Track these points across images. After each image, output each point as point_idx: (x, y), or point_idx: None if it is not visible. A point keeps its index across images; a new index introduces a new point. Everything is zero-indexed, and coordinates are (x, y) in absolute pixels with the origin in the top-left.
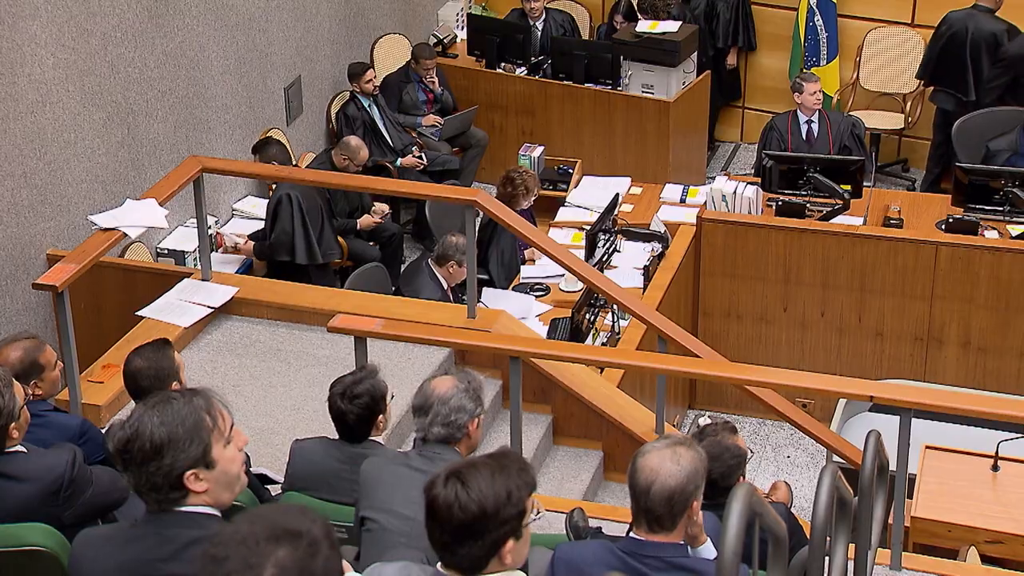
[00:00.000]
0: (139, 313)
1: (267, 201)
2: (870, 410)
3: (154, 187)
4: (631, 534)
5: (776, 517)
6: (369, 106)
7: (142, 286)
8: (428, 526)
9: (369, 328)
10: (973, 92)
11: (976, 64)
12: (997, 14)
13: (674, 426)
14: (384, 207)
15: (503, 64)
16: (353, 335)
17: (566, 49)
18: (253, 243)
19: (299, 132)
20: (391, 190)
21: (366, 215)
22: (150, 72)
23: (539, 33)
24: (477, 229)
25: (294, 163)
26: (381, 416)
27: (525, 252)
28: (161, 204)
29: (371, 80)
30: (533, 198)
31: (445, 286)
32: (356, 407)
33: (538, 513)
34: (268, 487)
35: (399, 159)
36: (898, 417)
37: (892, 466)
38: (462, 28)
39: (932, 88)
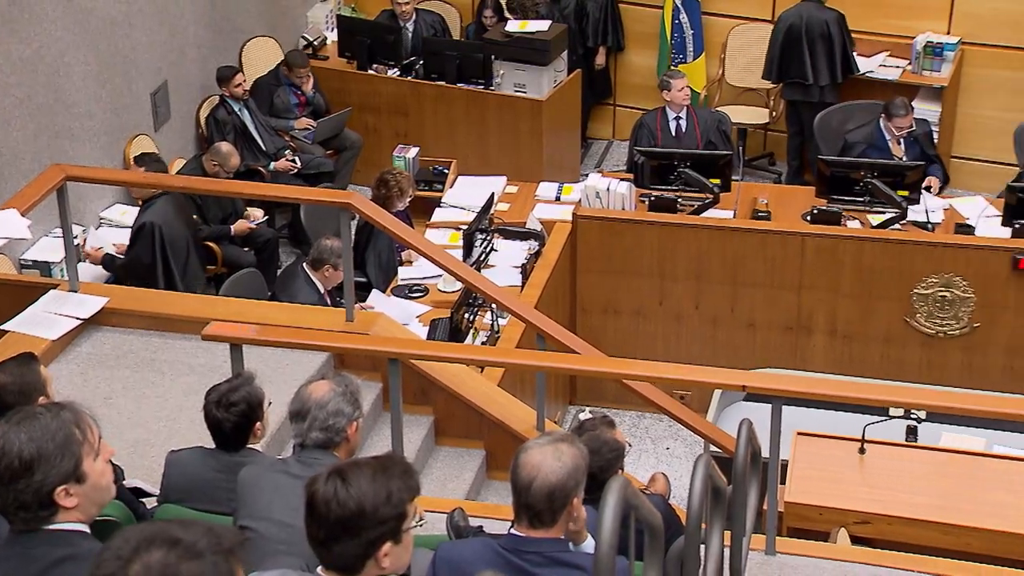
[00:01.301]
0: (2, 327)
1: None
2: (744, 399)
3: (14, 197)
4: (512, 531)
5: (651, 509)
6: (240, 110)
7: (6, 299)
8: (307, 522)
9: (244, 335)
10: (812, 76)
11: (813, 53)
12: (826, 4)
13: (555, 422)
14: (258, 212)
15: (375, 65)
16: (228, 342)
17: (437, 49)
18: (104, 254)
19: (168, 138)
20: (265, 195)
21: (240, 220)
22: (6, 79)
23: (410, 34)
24: (353, 232)
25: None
26: (258, 423)
27: (402, 254)
28: (23, 214)
29: (241, 84)
30: (408, 199)
31: (322, 290)
32: (232, 415)
33: (420, 520)
34: (143, 500)
35: (272, 163)
36: (771, 405)
37: (766, 453)
38: (332, 30)
39: (782, 84)
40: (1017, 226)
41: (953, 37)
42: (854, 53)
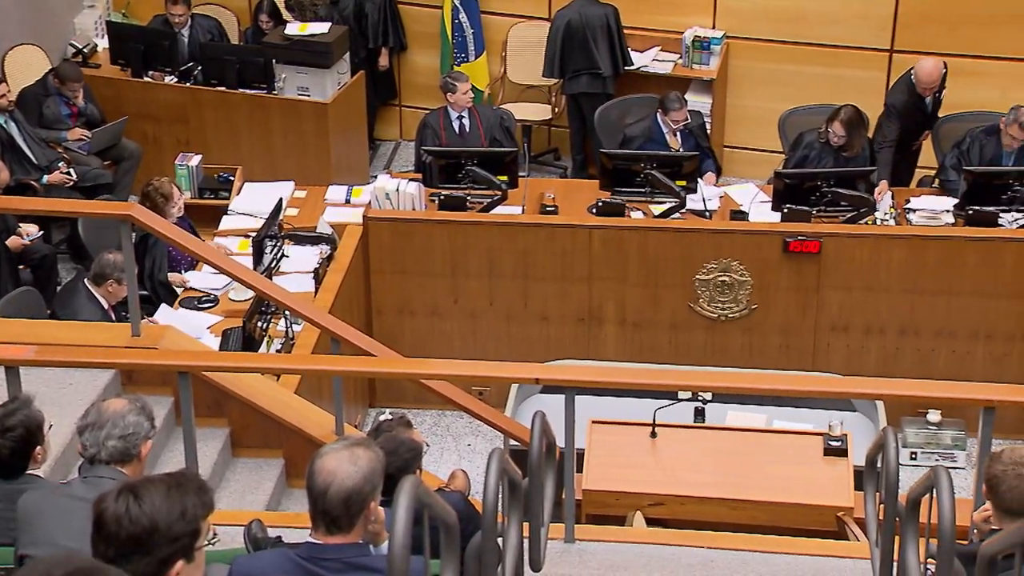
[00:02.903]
0: None
1: None
2: (541, 392)
3: None
4: (309, 538)
5: (445, 506)
6: (5, 122)
7: None
8: (94, 541)
9: (21, 356)
10: (600, 66)
11: (595, 44)
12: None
13: (355, 426)
14: (32, 228)
15: (151, 72)
16: (3, 365)
17: (216, 54)
18: None
19: None
20: (38, 209)
21: (13, 236)
22: None
23: (186, 39)
24: (135, 244)
25: None
26: (39, 448)
27: (179, 274)
28: None
29: (5, 95)
30: (180, 203)
31: (106, 305)
32: (10, 440)
33: (214, 537)
34: None
35: (45, 176)
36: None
37: (562, 443)
38: (102, 36)
39: (563, 80)
40: (786, 210)
41: (718, 32)
42: (628, 48)
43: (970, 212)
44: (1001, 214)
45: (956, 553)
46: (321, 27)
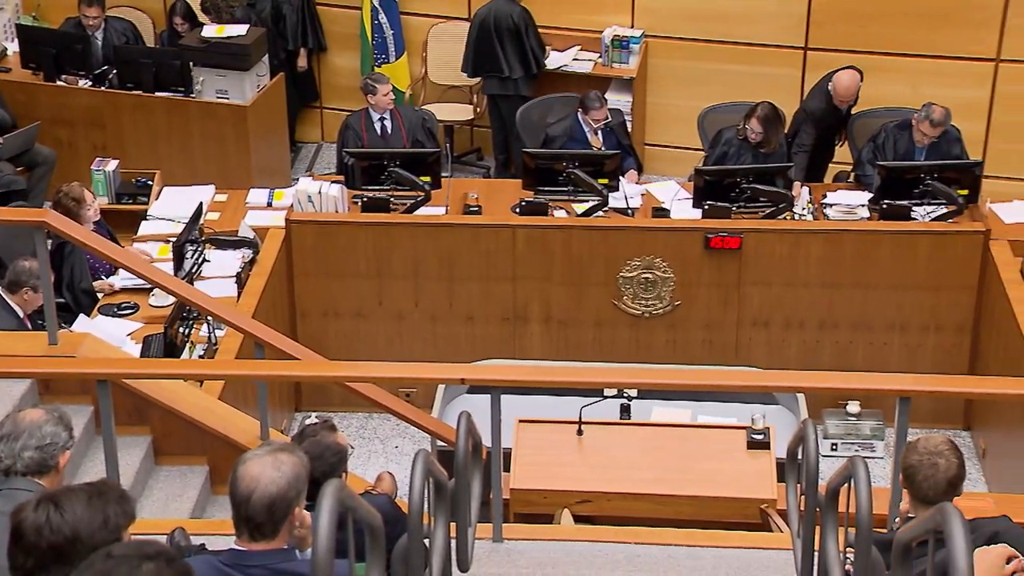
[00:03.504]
0: None
1: None
2: (467, 392)
3: None
4: (234, 545)
5: (370, 509)
6: None
7: None
8: (11, 553)
9: None
10: (507, 69)
11: (504, 47)
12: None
13: (281, 431)
14: None
15: (64, 76)
16: None
17: (131, 57)
18: None
19: None
20: None
21: None
22: None
23: (100, 43)
24: (52, 252)
25: None
26: None
27: (103, 282)
28: None
29: None
30: (95, 207)
31: (21, 314)
32: None
33: None
34: None
35: None
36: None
37: (489, 442)
38: (12, 40)
39: (483, 79)
40: (707, 207)
41: (637, 30)
42: (548, 47)
43: (884, 206)
44: (914, 208)
45: (874, 541)
46: (238, 29)
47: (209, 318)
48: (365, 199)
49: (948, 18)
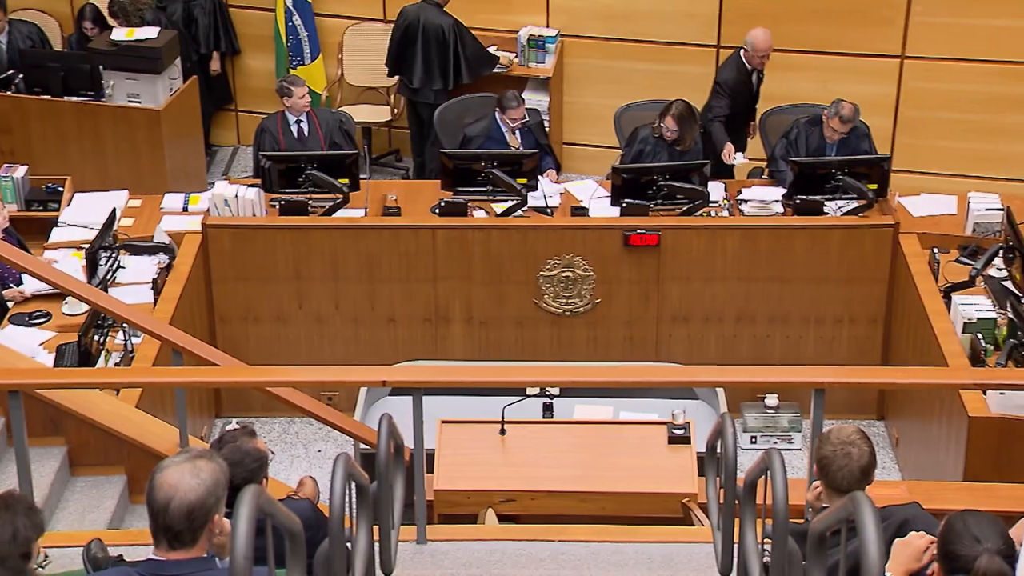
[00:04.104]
0: None
1: None
2: (390, 394)
3: None
4: (152, 555)
5: (289, 514)
6: None
7: None
8: None
9: None
10: (418, 80)
11: (426, 53)
12: (445, 9)
13: (202, 438)
14: None
15: None
16: None
17: (38, 62)
18: None
19: None
20: None
21: None
22: None
23: (4, 46)
24: None
25: None
26: None
27: (10, 290)
28: None
29: None
30: (3, 214)
31: None
32: None
33: (45, 560)
34: None
35: None
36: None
37: (411, 444)
38: None
39: (399, 80)
40: (624, 205)
41: (552, 30)
42: (475, 59)
43: (797, 201)
44: (826, 203)
45: (790, 532)
46: (149, 32)
47: (125, 325)
48: (283, 202)
49: (855, 16)
